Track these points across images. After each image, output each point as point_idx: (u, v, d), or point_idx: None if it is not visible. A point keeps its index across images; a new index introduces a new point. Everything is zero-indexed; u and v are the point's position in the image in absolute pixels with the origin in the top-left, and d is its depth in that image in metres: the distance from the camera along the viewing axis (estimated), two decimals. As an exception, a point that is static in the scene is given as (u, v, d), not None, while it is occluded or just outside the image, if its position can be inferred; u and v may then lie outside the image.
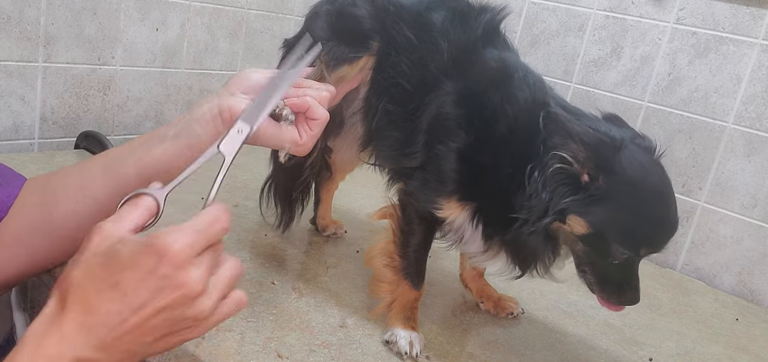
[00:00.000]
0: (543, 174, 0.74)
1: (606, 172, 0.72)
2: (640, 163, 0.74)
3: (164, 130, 0.73)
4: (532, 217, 0.75)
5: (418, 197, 0.86)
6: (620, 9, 1.48)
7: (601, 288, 0.77)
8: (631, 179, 0.72)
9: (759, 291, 1.37)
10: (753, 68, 1.33)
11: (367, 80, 0.91)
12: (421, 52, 0.86)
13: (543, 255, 0.79)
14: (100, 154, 0.75)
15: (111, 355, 0.53)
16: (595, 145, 0.72)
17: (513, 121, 0.80)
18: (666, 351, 1.03)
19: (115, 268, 0.53)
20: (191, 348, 0.73)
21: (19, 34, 1.26)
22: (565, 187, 0.73)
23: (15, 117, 1.32)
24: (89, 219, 0.73)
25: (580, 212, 0.73)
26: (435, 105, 0.84)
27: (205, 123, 0.72)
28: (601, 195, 0.72)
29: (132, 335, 0.53)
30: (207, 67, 1.65)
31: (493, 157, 0.80)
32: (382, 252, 0.90)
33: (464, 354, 0.88)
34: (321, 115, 0.74)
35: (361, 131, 0.95)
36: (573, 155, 0.72)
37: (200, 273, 0.54)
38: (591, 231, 0.73)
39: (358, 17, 0.89)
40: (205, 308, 0.55)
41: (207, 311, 0.55)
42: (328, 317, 0.89)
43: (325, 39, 0.88)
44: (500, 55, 0.86)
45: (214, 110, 0.72)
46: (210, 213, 0.57)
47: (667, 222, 0.75)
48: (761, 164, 1.34)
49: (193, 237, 0.54)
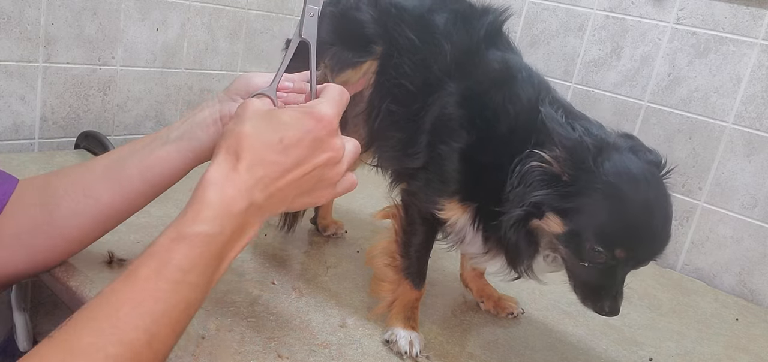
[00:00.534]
0: (521, 169, 0.74)
1: (583, 172, 0.71)
2: (628, 170, 0.71)
3: (166, 132, 0.74)
4: (509, 209, 0.74)
5: (420, 197, 0.86)
6: (620, 9, 1.48)
7: (579, 292, 0.76)
8: (613, 182, 0.70)
9: (759, 291, 1.37)
10: (753, 68, 1.33)
11: (371, 83, 0.91)
12: (423, 54, 0.86)
13: (524, 252, 0.78)
14: (101, 155, 0.76)
15: (271, 203, 0.61)
16: (573, 146, 0.71)
17: (514, 121, 0.80)
18: (666, 351, 1.03)
19: (280, 127, 0.61)
20: (191, 347, 0.74)
21: (19, 34, 1.26)
22: (542, 184, 0.72)
23: (15, 117, 1.32)
24: (90, 220, 0.73)
25: (555, 209, 0.72)
26: (438, 106, 0.84)
27: (206, 127, 0.73)
28: (576, 192, 0.71)
29: (289, 187, 0.61)
30: (207, 67, 1.65)
31: (494, 156, 0.80)
32: (383, 252, 0.90)
33: (464, 354, 0.88)
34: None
35: (363, 132, 0.95)
36: (552, 154, 0.72)
37: (342, 141, 0.65)
38: (567, 229, 0.72)
39: (361, 22, 0.89)
40: (340, 172, 0.65)
41: (340, 175, 0.66)
42: (328, 317, 0.89)
43: (329, 43, 0.88)
44: (503, 57, 0.86)
45: (215, 114, 0.73)
46: (335, 88, 0.67)
47: (650, 231, 0.72)
48: (761, 164, 1.34)
49: (337, 108, 0.64)
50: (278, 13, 1.77)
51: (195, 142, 0.72)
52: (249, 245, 1.06)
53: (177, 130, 0.73)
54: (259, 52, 1.76)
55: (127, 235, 0.94)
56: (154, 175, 0.72)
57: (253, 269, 0.98)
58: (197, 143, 0.72)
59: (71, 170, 0.75)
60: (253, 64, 1.75)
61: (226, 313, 0.83)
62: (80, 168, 0.75)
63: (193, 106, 1.64)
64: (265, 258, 1.03)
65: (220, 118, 0.73)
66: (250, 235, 0.61)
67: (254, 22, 1.71)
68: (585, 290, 0.76)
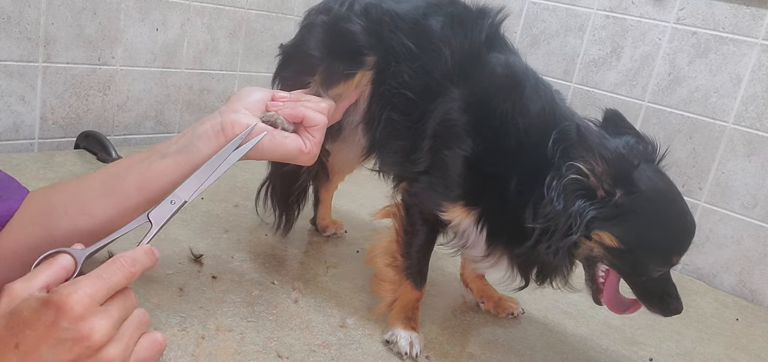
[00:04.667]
0: (559, 184, 0.74)
1: (624, 187, 0.73)
2: (648, 177, 0.75)
3: (165, 146, 0.73)
4: (556, 234, 0.74)
5: (422, 199, 0.86)
6: (620, 9, 1.48)
7: (645, 302, 0.79)
8: (652, 198, 0.74)
9: (759, 291, 1.37)
10: (753, 68, 1.33)
11: (367, 94, 0.91)
12: (422, 60, 0.86)
13: (561, 268, 0.80)
14: (100, 169, 0.75)
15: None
16: (614, 161, 0.72)
17: (524, 134, 0.79)
18: (666, 351, 1.03)
19: (17, 328, 0.51)
20: (191, 347, 0.73)
21: (19, 34, 1.26)
22: (581, 199, 0.73)
23: (15, 117, 1.31)
24: (88, 236, 0.73)
25: (605, 227, 0.73)
26: (440, 111, 0.84)
27: (207, 139, 0.72)
28: (623, 210, 0.73)
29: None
30: (207, 67, 1.65)
31: (503, 167, 0.80)
32: (384, 252, 0.90)
33: (464, 354, 0.88)
34: (319, 120, 0.76)
35: (364, 141, 0.95)
36: (591, 168, 0.73)
37: (105, 322, 0.53)
38: (621, 247, 0.74)
39: (352, 33, 0.88)
40: (115, 355, 0.53)
41: (118, 358, 0.54)
42: (328, 317, 0.89)
43: (319, 59, 0.87)
44: (506, 60, 0.86)
45: (216, 127, 0.72)
46: (113, 261, 0.56)
47: (689, 230, 0.77)
48: (761, 164, 1.34)
49: (93, 287, 0.53)
50: (278, 13, 1.77)
51: (194, 155, 0.71)
52: (249, 245, 1.07)
53: (176, 144, 0.73)
54: (259, 52, 1.76)
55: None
56: (152, 189, 0.71)
57: (253, 269, 0.98)
58: (197, 156, 0.71)
59: (70, 185, 0.74)
60: (253, 64, 1.75)
61: (226, 313, 0.83)
62: (78, 184, 0.74)
63: (193, 106, 1.64)
64: (265, 258, 1.03)
65: (222, 129, 0.72)
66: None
67: (254, 22, 1.71)
68: (650, 300, 0.79)
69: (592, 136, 0.74)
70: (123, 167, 0.73)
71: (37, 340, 0.50)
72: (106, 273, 0.55)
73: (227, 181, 1.34)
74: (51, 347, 0.51)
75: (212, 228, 1.08)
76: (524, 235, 0.77)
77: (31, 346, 0.50)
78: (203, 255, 0.97)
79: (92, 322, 0.52)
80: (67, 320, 0.51)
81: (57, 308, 0.51)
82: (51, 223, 0.71)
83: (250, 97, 0.77)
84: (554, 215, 0.74)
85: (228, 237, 1.06)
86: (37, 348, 0.50)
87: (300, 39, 0.95)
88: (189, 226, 1.07)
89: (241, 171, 1.42)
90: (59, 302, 0.51)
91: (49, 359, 0.51)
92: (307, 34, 0.93)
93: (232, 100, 0.77)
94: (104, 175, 0.73)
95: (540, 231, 0.76)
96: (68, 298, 0.51)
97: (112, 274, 0.55)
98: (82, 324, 0.51)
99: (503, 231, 0.82)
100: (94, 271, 0.54)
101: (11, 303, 0.53)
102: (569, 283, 0.82)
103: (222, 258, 0.98)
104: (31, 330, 0.51)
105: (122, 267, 0.56)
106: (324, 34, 0.90)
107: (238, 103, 0.76)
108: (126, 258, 0.57)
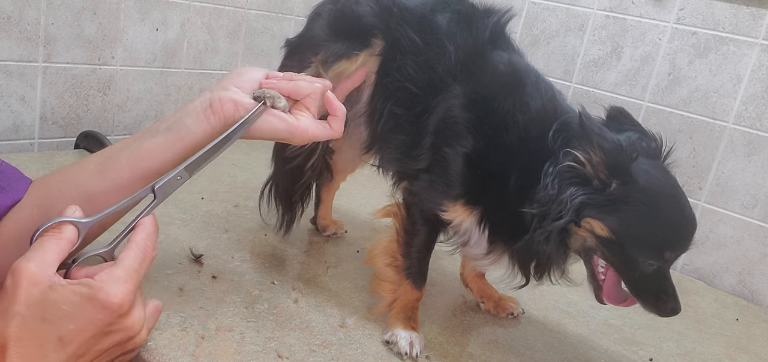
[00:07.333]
0: (555, 170, 0.74)
1: (620, 178, 0.72)
2: (650, 172, 0.74)
3: (157, 125, 0.75)
4: (547, 219, 0.74)
5: (423, 198, 0.86)
6: (620, 9, 1.48)
7: (642, 302, 0.77)
8: (647, 190, 0.73)
9: (759, 291, 1.37)
10: (753, 68, 1.33)
11: (371, 83, 0.91)
12: (427, 55, 0.86)
13: (555, 259, 0.79)
14: (96, 153, 0.76)
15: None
16: (612, 151, 0.72)
17: (524, 131, 0.79)
18: (666, 351, 1.03)
19: (59, 322, 0.53)
20: (191, 347, 0.73)
21: (19, 34, 1.26)
22: (574, 186, 0.73)
23: (15, 117, 1.31)
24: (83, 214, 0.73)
25: (596, 215, 0.73)
26: (442, 108, 0.84)
27: (195, 115, 0.73)
28: (616, 200, 0.72)
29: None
30: (207, 67, 1.65)
31: (503, 164, 0.80)
32: (384, 252, 0.90)
33: (464, 354, 0.88)
34: (312, 89, 0.76)
35: (365, 134, 0.95)
36: (588, 157, 0.72)
37: (141, 310, 0.58)
38: (611, 236, 0.73)
39: (359, 14, 0.88)
40: (145, 334, 0.59)
41: (145, 335, 0.60)
42: (328, 317, 0.89)
43: (324, 40, 0.88)
44: (509, 59, 0.86)
45: (205, 103, 0.73)
46: (141, 250, 0.60)
47: (685, 222, 0.75)
48: (761, 164, 1.34)
49: (134, 282, 0.57)
50: (278, 13, 1.77)
51: (183, 131, 0.72)
52: (249, 245, 1.07)
53: (166, 122, 0.74)
54: (259, 51, 1.76)
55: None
56: (143, 166, 0.72)
57: (253, 269, 0.98)
58: (185, 132, 0.72)
59: (66, 169, 0.76)
60: (253, 63, 1.75)
61: (226, 313, 0.83)
62: (74, 166, 0.75)
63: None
64: (265, 258, 1.03)
65: (210, 105, 0.73)
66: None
67: (254, 22, 1.71)
68: (646, 298, 0.77)
69: (593, 127, 0.73)
70: (117, 148, 0.74)
71: (82, 335, 0.53)
72: (141, 267, 0.59)
73: (227, 180, 1.34)
74: (97, 341, 0.54)
75: (212, 228, 1.08)
76: (525, 230, 0.77)
77: (76, 339, 0.53)
78: (203, 255, 0.97)
79: (133, 315, 0.57)
80: (114, 316, 0.55)
81: (102, 306, 0.54)
82: (48, 204, 0.72)
83: (245, 76, 0.77)
84: (548, 200, 0.74)
85: (228, 237, 1.06)
86: (84, 343, 0.53)
87: (305, 28, 0.95)
88: (189, 226, 1.07)
89: (241, 171, 1.42)
90: (106, 301, 0.54)
91: (92, 346, 0.54)
92: (313, 22, 0.94)
93: (225, 78, 0.77)
94: (99, 157, 0.74)
95: (534, 217, 0.75)
96: (114, 297, 0.55)
97: (145, 267, 0.60)
98: (126, 319, 0.56)
99: (504, 229, 0.81)
100: (129, 263, 0.58)
101: (34, 291, 0.53)
102: (566, 274, 0.81)
103: (222, 258, 0.98)
104: (75, 325, 0.53)
105: (149, 256, 0.61)
106: (330, 18, 0.90)
107: (231, 81, 0.76)
108: (150, 244, 0.61)
